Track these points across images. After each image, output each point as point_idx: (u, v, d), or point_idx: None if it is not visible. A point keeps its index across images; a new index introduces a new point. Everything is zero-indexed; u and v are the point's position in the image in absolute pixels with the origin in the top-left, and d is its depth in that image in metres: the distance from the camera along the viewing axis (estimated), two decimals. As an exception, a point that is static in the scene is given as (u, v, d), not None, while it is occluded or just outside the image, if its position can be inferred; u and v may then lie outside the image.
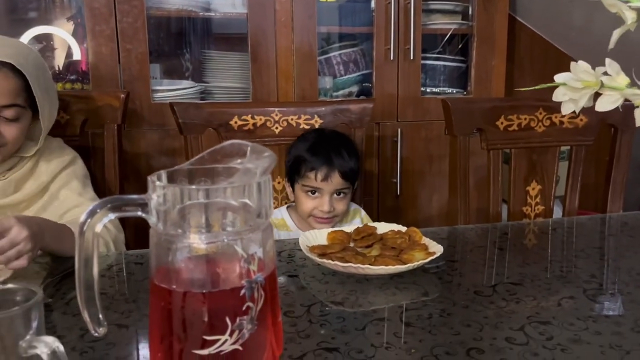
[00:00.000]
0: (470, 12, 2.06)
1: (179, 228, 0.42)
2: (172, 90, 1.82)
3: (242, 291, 0.42)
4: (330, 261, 0.81)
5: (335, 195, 1.32)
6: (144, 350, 0.61)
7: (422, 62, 1.99)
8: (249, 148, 0.47)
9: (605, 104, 0.56)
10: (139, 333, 0.66)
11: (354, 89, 2.08)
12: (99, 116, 1.31)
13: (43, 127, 1.11)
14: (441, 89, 2.15)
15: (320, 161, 1.30)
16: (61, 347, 0.40)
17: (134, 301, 0.75)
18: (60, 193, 1.13)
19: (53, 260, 0.90)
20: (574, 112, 0.59)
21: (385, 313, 0.71)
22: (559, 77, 0.58)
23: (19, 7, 1.92)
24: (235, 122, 1.36)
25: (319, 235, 0.94)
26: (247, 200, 0.43)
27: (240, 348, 0.42)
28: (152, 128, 1.76)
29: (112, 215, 0.42)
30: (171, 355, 0.43)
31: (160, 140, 1.77)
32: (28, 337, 0.40)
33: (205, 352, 0.41)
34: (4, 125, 1.05)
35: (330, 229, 0.96)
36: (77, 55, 1.94)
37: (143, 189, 1.76)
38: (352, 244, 0.93)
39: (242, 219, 0.43)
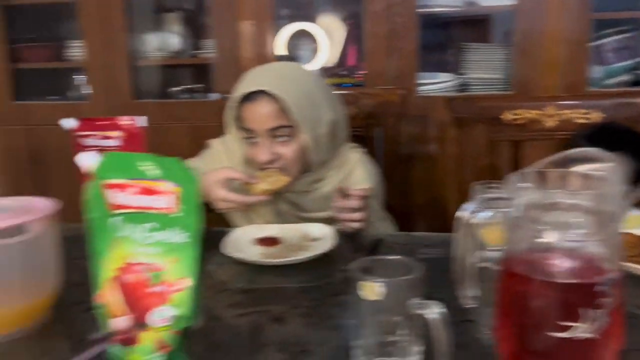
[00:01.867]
0: None
1: (541, 225, 0.49)
2: (434, 84, 1.91)
3: (600, 287, 0.47)
4: (630, 264, 0.80)
5: None
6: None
7: None
8: (601, 157, 0.51)
9: None
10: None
11: (625, 77, 1.90)
12: (381, 110, 1.47)
13: (311, 143, 1.12)
14: None
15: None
16: (444, 311, 0.50)
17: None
18: None
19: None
20: None
21: None
22: None
23: (287, 5, 2.10)
24: (506, 116, 1.39)
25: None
26: (602, 206, 0.48)
27: (596, 337, 0.47)
28: (414, 119, 1.89)
29: (485, 213, 0.51)
30: (523, 334, 0.50)
31: (421, 131, 1.89)
32: (415, 299, 0.52)
33: (562, 335, 0.48)
34: (280, 146, 1.12)
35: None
36: (341, 51, 2.13)
37: (399, 175, 1.84)
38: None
39: (597, 222, 0.48)
